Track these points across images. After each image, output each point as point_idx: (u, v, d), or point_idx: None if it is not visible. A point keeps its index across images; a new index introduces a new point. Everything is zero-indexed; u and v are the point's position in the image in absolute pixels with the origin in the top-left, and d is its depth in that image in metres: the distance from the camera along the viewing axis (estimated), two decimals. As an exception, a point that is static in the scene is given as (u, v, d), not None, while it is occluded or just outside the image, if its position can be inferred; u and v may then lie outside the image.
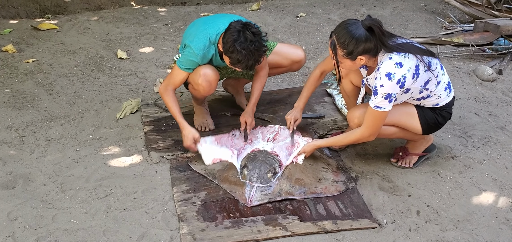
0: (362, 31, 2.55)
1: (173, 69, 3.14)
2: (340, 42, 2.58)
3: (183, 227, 2.56)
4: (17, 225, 2.57)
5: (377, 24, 2.56)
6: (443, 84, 2.79)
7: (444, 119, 2.90)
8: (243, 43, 2.79)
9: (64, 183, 2.90)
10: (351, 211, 2.69)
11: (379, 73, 2.59)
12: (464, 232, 2.58)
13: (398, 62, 2.57)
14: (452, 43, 4.77)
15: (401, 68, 2.56)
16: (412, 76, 2.60)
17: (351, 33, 2.55)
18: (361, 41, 2.54)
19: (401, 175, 2.99)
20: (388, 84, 2.56)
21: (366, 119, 2.72)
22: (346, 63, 2.66)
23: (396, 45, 2.62)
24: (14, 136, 3.34)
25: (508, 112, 3.68)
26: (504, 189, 2.89)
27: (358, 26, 2.56)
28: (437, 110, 2.85)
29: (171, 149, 3.21)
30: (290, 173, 2.87)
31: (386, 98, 2.60)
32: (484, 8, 5.24)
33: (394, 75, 2.55)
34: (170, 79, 3.13)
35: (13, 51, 4.56)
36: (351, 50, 2.57)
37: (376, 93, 2.61)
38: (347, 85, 3.09)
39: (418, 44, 2.74)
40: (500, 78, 4.19)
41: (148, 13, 5.68)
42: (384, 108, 2.63)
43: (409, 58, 2.60)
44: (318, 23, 5.46)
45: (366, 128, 2.73)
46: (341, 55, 2.62)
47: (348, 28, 2.57)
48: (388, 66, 2.57)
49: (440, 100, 2.81)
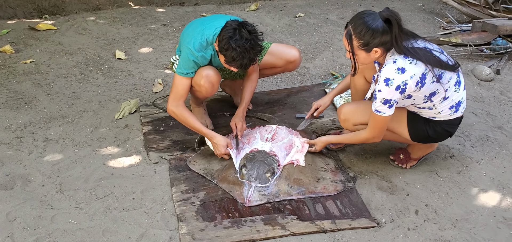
0: (379, 23, 2.47)
1: (174, 81, 3.04)
2: (356, 32, 2.51)
3: (182, 227, 2.56)
4: (16, 225, 2.57)
5: (395, 16, 2.48)
6: (450, 102, 2.69)
7: (436, 134, 2.80)
8: (238, 41, 2.78)
9: (63, 184, 2.90)
10: (350, 210, 2.69)
11: (379, 77, 2.55)
12: (462, 231, 2.59)
13: (401, 68, 2.50)
14: (450, 43, 4.78)
15: (403, 74, 2.49)
16: (415, 83, 2.52)
17: (368, 24, 2.48)
18: (378, 32, 2.47)
19: (399, 175, 2.99)
20: (385, 90, 2.52)
21: (370, 121, 2.71)
22: (361, 55, 2.58)
23: (410, 48, 2.52)
24: (12, 137, 3.34)
25: (506, 112, 3.69)
26: (502, 188, 2.90)
27: (376, 17, 2.49)
28: (431, 123, 2.77)
29: (170, 149, 3.21)
30: (288, 173, 2.87)
31: (385, 104, 2.56)
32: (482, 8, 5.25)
33: (392, 81, 2.50)
34: (176, 93, 3.02)
35: (11, 51, 4.55)
36: (367, 41, 2.49)
37: (375, 98, 2.58)
38: (358, 81, 3.00)
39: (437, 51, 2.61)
40: (498, 78, 4.20)
41: (146, 14, 5.68)
42: (384, 113, 2.60)
43: (416, 64, 2.51)
44: (317, 23, 5.46)
45: (369, 130, 2.73)
46: (356, 46, 2.55)
47: (365, 19, 2.50)
48: (388, 71, 2.51)
49: (438, 116, 2.73)
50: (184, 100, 3.05)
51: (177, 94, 3.02)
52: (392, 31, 2.47)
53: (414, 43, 2.57)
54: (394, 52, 2.55)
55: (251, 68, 3.22)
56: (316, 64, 4.48)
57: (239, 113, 3.22)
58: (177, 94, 3.02)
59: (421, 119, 2.78)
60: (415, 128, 2.79)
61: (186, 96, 3.07)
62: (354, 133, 2.90)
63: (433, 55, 2.58)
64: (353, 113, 2.88)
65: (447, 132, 2.82)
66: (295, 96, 3.86)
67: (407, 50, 2.51)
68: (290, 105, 3.73)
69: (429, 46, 2.63)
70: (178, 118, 3.06)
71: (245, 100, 3.26)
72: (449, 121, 2.77)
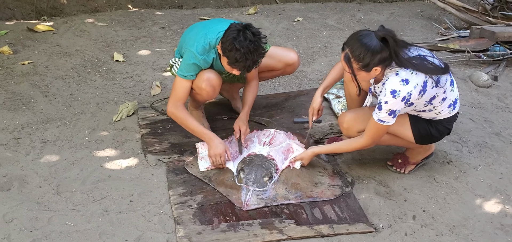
0: (376, 42, 2.52)
1: (175, 83, 3.04)
2: (355, 55, 2.55)
3: (179, 230, 2.56)
4: (13, 227, 2.56)
5: (391, 34, 2.53)
6: (448, 101, 2.75)
7: (439, 133, 2.86)
8: (242, 42, 2.77)
9: (60, 185, 2.89)
10: (348, 215, 2.69)
11: (385, 89, 2.58)
12: (460, 237, 2.59)
13: (405, 79, 2.55)
14: (448, 49, 4.79)
15: (407, 85, 2.55)
16: (418, 92, 2.58)
17: (366, 45, 2.52)
18: (376, 52, 2.51)
19: (397, 180, 3.00)
20: (392, 101, 2.57)
21: (368, 130, 2.73)
22: (361, 75, 2.63)
23: (408, 59, 2.58)
24: (9, 138, 3.33)
25: (503, 118, 3.70)
26: (499, 195, 2.90)
27: (372, 37, 2.53)
28: (433, 123, 2.83)
29: (168, 152, 3.21)
30: (286, 177, 2.87)
31: (390, 114, 2.61)
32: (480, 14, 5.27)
33: (399, 93, 2.55)
34: (176, 95, 3.02)
35: (9, 52, 4.54)
36: (367, 62, 2.54)
37: (381, 109, 2.61)
38: (353, 89, 3.04)
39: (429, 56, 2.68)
40: (496, 84, 4.21)
41: (145, 16, 5.68)
42: (387, 122, 2.65)
43: (417, 74, 2.57)
44: (315, 27, 5.47)
45: (367, 138, 2.75)
46: (356, 68, 2.59)
47: (363, 41, 2.53)
48: (393, 83, 2.56)
49: (439, 115, 2.79)
50: (184, 103, 3.05)
51: (177, 96, 3.02)
52: (390, 48, 2.53)
53: (409, 53, 2.62)
54: (394, 65, 2.60)
55: (251, 74, 3.22)
56: (314, 69, 4.48)
57: (242, 116, 3.20)
58: (177, 96, 3.02)
59: (423, 120, 2.82)
60: (419, 129, 2.83)
61: (186, 99, 3.07)
62: (347, 141, 2.92)
63: (428, 62, 2.64)
64: (355, 121, 2.90)
65: (447, 128, 2.88)
66: (293, 101, 3.86)
67: (407, 63, 2.57)
68: (288, 110, 3.73)
69: (422, 53, 2.69)
70: (178, 120, 3.05)
71: (248, 104, 3.24)
72: (448, 118, 2.84)
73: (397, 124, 2.76)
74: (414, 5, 6.38)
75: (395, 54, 2.54)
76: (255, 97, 3.32)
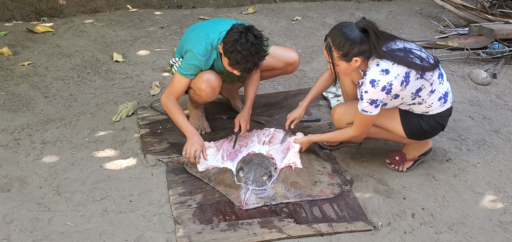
0: (357, 33, 2.59)
1: (174, 78, 3.08)
2: (335, 44, 2.63)
3: (179, 229, 2.56)
4: (13, 228, 2.57)
5: (371, 26, 2.59)
6: (437, 94, 2.78)
7: (431, 128, 2.87)
8: (243, 44, 2.79)
9: (60, 186, 2.90)
10: (347, 213, 2.70)
11: (365, 79, 2.64)
12: (459, 234, 2.60)
13: (384, 69, 2.60)
14: (446, 47, 4.80)
15: (387, 75, 2.59)
16: (400, 83, 2.62)
17: (346, 35, 2.59)
18: (356, 42, 2.59)
19: (396, 178, 3.00)
20: (371, 91, 2.61)
21: (355, 120, 2.79)
22: (342, 65, 2.69)
23: (389, 51, 2.63)
24: (9, 139, 3.33)
25: (502, 115, 3.70)
26: (498, 192, 2.91)
27: (353, 28, 2.61)
28: (425, 117, 2.84)
29: (167, 152, 3.21)
30: (285, 176, 2.88)
31: (371, 104, 2.65)
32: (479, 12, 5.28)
33: (378, 83, 2.59)
34: (172, 88, 3.07)
35: (8, 53, 4.55)
36: (347, 51, 2.61)
37: (362, 98, 2.67)
38: (348, 84, 3.10)
39: (416, 50, 2.71)
40: (494, 81, 4.22)
41: (144, 16, 5.69)
42: (370, 112, 2.69)
43: (398, 65, 2.62)
44: (314, 26, 5.48)
45: (355, 128, 2.82)
46: (337, 57, 2.67)
47: (343, 30, 2.62)
48: (373, 73, 2.61)
49: (430, 109, 2.81)
50: (178, 98, 3.09)
51: (173, 90, 3.07)
52: (370, 40, 2.59)
53: (393, 45, 2.68)
54: (375, 58, 2.65)
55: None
56: (313, 68, 4.49)
57: (244, 113, 3.22)
58: (173, 90, 3.07)
59: (414, 115, 2.85)
60: (409, 123, 2.85)
61: (181, 95, 3.11)
62: (339, 131, 2.98)
63: (414, 55, 2.67)
64: (345, 114, 2.97)
65: (440, 124, 2.89)
66: (293, 100, 3.86)
67: (387, 55, 2.62)
68: (287, 109, 3.73)
69: (408, 45, 2.73)
70: (167, 110, 3.10)
71: (250, 99, 3.26)
72: (441, 114, 2.85)
73: (387, 118, 2.84)
74: (413, 3, 6.39)
75: (374, 48, 2.60)
76: (256, 91, 3.33)
